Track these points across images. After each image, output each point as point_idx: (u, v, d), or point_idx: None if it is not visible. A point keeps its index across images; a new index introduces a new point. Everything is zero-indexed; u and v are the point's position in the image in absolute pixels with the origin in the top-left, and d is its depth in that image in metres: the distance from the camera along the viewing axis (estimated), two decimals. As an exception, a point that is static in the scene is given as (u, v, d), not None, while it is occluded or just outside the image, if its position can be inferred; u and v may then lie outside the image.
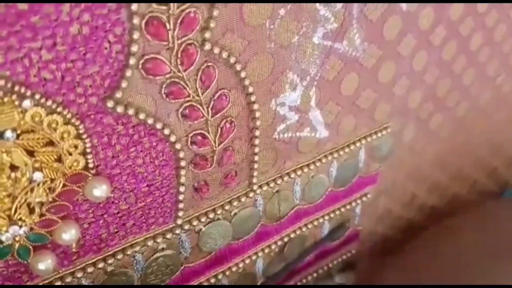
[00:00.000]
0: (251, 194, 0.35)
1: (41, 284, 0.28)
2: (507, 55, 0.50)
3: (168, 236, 0.32)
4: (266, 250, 0.40)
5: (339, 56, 0.33)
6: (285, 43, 0.30)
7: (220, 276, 0.38)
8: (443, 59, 0.43)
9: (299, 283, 0.47)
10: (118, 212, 0.28)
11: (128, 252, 0.30)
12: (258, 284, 0.42)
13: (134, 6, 0.22)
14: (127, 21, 0.23)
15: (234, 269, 0.39)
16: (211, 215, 0.33)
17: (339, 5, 0.31)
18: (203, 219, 0.33)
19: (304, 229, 0.42)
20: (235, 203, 0.34)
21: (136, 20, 0.23)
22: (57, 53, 0.22)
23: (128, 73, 0.24)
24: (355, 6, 0.32)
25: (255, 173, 0.34)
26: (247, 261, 0.39)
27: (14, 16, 0.20)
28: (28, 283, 0.27)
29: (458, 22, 0.41)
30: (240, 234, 0.37)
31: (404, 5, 0.35)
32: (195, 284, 0.36)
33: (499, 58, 0.49)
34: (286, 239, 0.41)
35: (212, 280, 0.37)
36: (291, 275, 0.45)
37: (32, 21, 0.20)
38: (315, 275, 0.48)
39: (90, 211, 0.27)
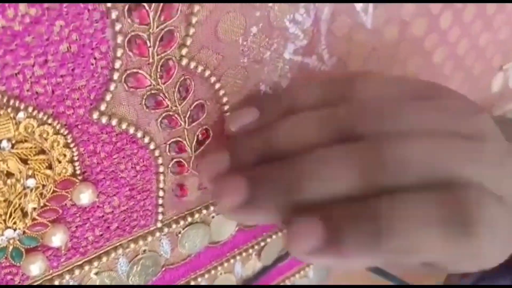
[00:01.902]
0: (228, 199, 0.37)
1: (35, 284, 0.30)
2: (470, 68, 0.52)
3: (149, 238, 0.34)
4: (244, 254, 0.42)
5: (309, 70, 0.36)
6: (258, 58, 0.32)
7: (199, 279, 0.40)
8: (408, 73, 0.45)
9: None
10: (103, 216, 0.30)
11: (112, 255, 0.32)
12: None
13: (118, 26, 0.25)
14: (112, 40, 0.25)
15: (213, 272, 0.41)
16: (190, 219, 0.35)
17: (307, 23, 0.33)
18: (182, 222, 0.35)
19: (280, 233, 0.44)
20: (212, 208, 0.36)
21: (119, 39, 0.25)
22: (48, 69, 0.24)
23: (112, 86, 0.26)
24: (322, 24, 0.35)
25: (231, 179, 0.36)
26: (226, 264, 0.41)
27: (10, 36, 0.22)
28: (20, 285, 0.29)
29: (422, 39, 0.44)
30: (218, 237, 0.39)
31: (368, 23, 0.38)
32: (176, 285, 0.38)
33: (463, 71, 0.52)
34: (262, 244, 0.43)
35: (192, 283, 0.39)
36: (270, 278, 0.47)
37: (26, 40, 0.22)
38: (292, 278, 0.50)
39: (77, 215, 0.29)
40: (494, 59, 0.54)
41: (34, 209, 0.27)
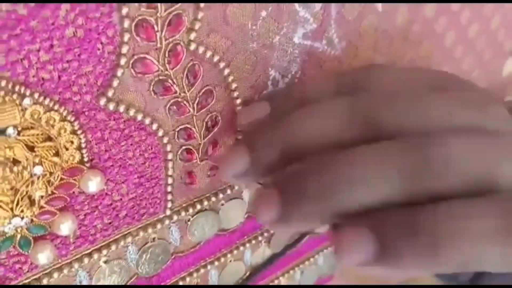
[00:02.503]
0: (236, 186, 0.37)
1: (40, 274, 0.30)
2: (480, 52, 0.52)
3: (159, 226, 0.33)
4: (253, 241, 0.42)
5: (318, 55, 0.35)
6: (267, 42, 0.32)
7: (209, 266, 0.39)
8: (420, 56, 0.45)
9: (286, 275, 0.48)
10: (111, 204, 0.30)
11: (122, 243, 0.32)
12: (247, 275, 0.44)
13: (125, 10, 0.24)
14: (118, 24, 0.25)
15: (222, 259, 0.40)
16: (199, 206, 0.35)
17: (317, 7, 0.33)
18: (191, 210, 0.35)
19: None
20: (221, 195, 0.36)
21: (126, 23, 0.25)
22: (54, 54, 0.23)
23: (119, 72, 0.26)
24: (333, 7, 0.34)
25: (240, 166, 0.36)
26: (235, 252, 0.41)
27: (14, 20, 0.21)
28: (28, 274, 0.29)
29: (433, 22, 0.43)
30: (227, 224, 0.39)
31: (379, 5, 0.37)
32: (185, 273, 0.38)
33: (473, 54, 0.51)
34: (272, 231, 0.43)
35: (202, 270, 0.39)
36: (279, 265, 0.47)
37: (31, 25, 0.22)
38: (301, 266, 0.49)
39: (86, 203, 0.29)
40: (505, 43, 0.53)
41: (42, 197, 0.27)
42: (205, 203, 0.35)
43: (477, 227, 0.24)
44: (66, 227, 0.28)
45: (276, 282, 0.47)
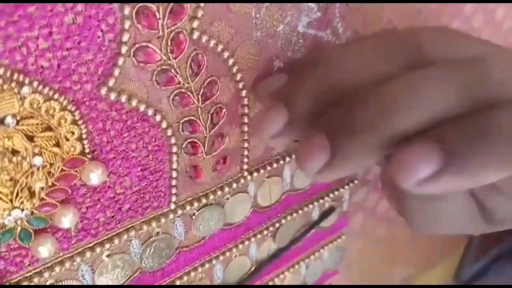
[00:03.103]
0: (242, 180, 0.36)
1: (41, 268, 0.29)
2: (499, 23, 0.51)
3: (163, 220, 0.33)
4: (259, 236, 0.41)
5: (323, 44, 0.35)
6: (271, 31, 0.31)
7: (214, 261, 0.39)
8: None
9: (291, 269, 0.48)
10: (114, 197, 0.30)
11: (125, 237, 0.32)
12: (252, 269, 0.43)
13: (125, -4, 0.24)
14: (119, 11, 0.24)
15: (227, 254, 0.40)
16: (204, 200, 0.34)
17: (322, -5, 0.32)
18: (196, 204, 0.34)
19: (294, 214, 0.43)
20: (226, 189, 0.36)
21: (127, 10, 0.24)
22: (53, 42, 0.23)
23: (121, 61, 0.25)
24: (337, -5, 0.33)
25: (245, 159, 0.35)
26: (240, 247, 0.40)
27: (11, 6, 0.21)
28: (29, 267, 0.28)
29: (438, 12, 0.43)
30: (232, 219, 0.38)
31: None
32: (190, 268, 0.38)
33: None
34: (277, 225, 0.42)
35: (207, 265, 0.38)
36: (284, 260, 0.46)
37: (29, 11, 0.21)
38: (307, 260, 0.49)
39: (88, 195, 0.28)
40: (510, 34, 0.53)
41: (42, 188, 0.26)
42: (211, 197, 0.35)
43: None
44: (67, 220, 0.27)
45: (281, 277, 0.47)
